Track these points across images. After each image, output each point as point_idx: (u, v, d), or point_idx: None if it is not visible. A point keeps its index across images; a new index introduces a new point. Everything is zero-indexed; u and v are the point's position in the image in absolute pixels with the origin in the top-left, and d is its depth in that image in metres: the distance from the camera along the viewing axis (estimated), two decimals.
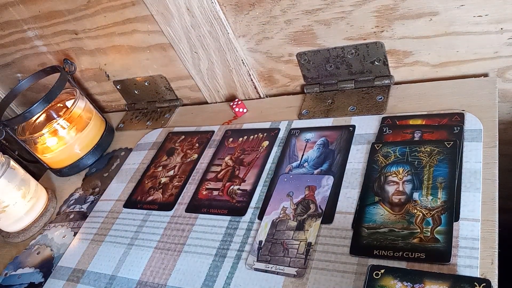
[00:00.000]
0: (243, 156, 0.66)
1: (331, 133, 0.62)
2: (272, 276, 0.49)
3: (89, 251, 0.65)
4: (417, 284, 0.41)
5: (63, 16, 0.81)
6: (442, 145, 0.52)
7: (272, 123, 0.69)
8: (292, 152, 0.63)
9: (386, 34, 0.61)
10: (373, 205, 0.51)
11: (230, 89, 0.78)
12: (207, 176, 0.66)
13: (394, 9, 0.57)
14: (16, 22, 0.86)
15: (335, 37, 0.64)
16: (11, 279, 0.68)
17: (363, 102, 0.65)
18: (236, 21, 0.67)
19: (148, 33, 0.76)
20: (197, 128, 0.77)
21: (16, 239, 0.75)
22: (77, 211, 0.75)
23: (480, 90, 0.58)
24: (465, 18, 0.55)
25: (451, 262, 0.43)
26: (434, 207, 0.47)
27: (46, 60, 0.92)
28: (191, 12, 0.67)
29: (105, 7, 0.75)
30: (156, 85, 0.86)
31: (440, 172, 0.50)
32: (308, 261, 0.49)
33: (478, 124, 0.53)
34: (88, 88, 0.95)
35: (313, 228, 0.52)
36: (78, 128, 0.82)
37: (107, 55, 0.85)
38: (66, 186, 0.82)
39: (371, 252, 0.46)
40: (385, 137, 0.57)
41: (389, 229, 0.47)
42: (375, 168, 0.54)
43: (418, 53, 0.62)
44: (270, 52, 0.71)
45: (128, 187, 0.72)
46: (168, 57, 0.79)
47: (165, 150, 0.76)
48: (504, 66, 0.59)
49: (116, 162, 0.81)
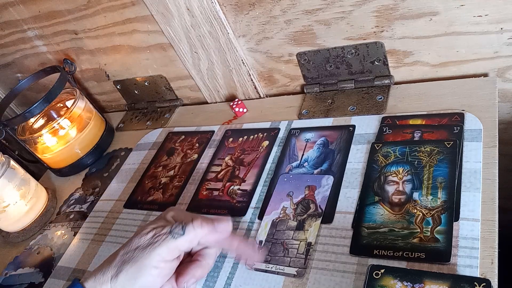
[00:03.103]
0: (243, 156, 0.66)
1: (331, 133, 0.62)
2: (272, 276, 0.49)
3: (89, 251, 0.65)
4: (417, 284, 0.41)
5: (63, 16, 0.81)
6: (442, 145, 0.52)
7: (272, 123, 0.69)
8: (292, 152, 0.63)
9: (386, 34, 0.61)
10: (373, 205, 0.51)
11: (230, 89, 0.78)
12: (207, 176, 0.66)
13: (394, 9, 0.57)
14: (16, 22, 0.86)
15: (335, 37, 0.64)
16: (11, 279, 0.68)
17: (363, 102, 0.65)
18: (236, 21, 0.68)
19: (148, 33, 0.76)
20: (197, 128, 0.77)
21: (16, 239, 0.75)
22: (77, 211, 0.75)
23: (480, 90, 0.58)
24: (465, 18, 0.55)
25: (451, 262, 0.43)
26: (434, 207, 0.47)
27: (46, 60, 0.92)
28: (191, 12, 0.67)
29: (105, 7, 0.75)
30: (156, 85, 0.86)
31: (440, 172, 0.50)
32: (308, 261, 0.49)
33: (478, 124, 0.53)
34: (88, 88, 0.95)
35: (313, 228, 0.52)
36: (78, 128, 0.82)
37: (107, 55, 0.85)
38: (66, 186, 0.82)
39: (371, 252, 0.46)
40: (385, 137, 0.57)
41: (389, 229, 0.47)
42: (375, 168, 0.54)
43: (418, 53, 0.62)
44: (270, 52, 0.71)
45: (128, 187, 0.72)
46: (168, 57, 0.79)
47: (165, 150, 0.76)
48: (504, 66, 0.59)
49: (116, 162, 0.81)
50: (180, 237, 0.45)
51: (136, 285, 0.44)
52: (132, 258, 0.45)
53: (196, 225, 0.46)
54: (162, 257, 0.45)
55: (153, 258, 0.44)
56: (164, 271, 0.46)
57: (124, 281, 0.44)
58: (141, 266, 0.44)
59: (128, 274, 0.44)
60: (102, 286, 0.45)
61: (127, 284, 0.44)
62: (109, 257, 0.47)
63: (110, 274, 0.45)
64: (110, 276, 0.45)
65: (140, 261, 0.44)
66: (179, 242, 0.45)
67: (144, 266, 0.44)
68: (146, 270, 0.44)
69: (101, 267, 0.46)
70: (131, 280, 0.44)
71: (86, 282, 0.45)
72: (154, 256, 0.44)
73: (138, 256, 0.45)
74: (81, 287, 0.45)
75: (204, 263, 0.49)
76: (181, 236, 0.45)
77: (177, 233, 0.45)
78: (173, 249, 0.45)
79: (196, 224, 0.46)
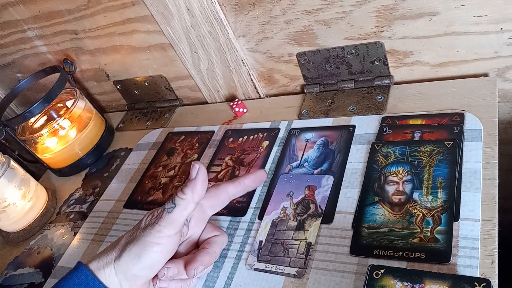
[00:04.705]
0: (243, 156, 0.66)
1: (331, 133, 0.62)
2: (272, 276, 0.49)
3: (89, 251, 0.65)
4: (417, 284, 0.41)
5: (63, 16, 0.81)
6: (442, 145, 0.52)
7: (272, 123, 0.69)
8: (292, 152, 0.63)
9: (386, 34, 0.61)
10: (373, 205, 0.51)
11: (230, 89, 0.78)
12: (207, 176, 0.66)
13: (394, 9, 0.57)
14: (16, 22, 0.86)
15: (335, 37, 0.64)
16: (11, 279, 0.68)
17: (363, 102, 0.65)
18: (236, 21, 0.68)
19: (148, 33, 0.76)
20: (197, 128, 0.77)
21: (16, 239, 0.75)
22: (77, 211, 0.75)
23: (480, 90, 0.58)
24: (465, 18, 0.55)
25: (451, 262, 0.43)
26: (434, 207, 0.47)
27: (46, 60, 0.92)
28: (191, 12, 0.67)
29: (105, 7, 0.75)
30: (156, 85, 0.86)
31: (440, 172, 0.50)
32: (308, 261, 0.49)
33: (478, 124, 0.53)
34: (88, 88, 0.95)
35: (313, 228, 0.52)
36: (78, 128, 0.82)
37: (107, 55, 0.85)
38: (66, 186, 0.82)
39: (371, 252, 0.46)
40: (385, 137, 0.57)
41: (389, 229, 0.47)
42: (375, 168, 0.54)
43: (418, 53, 0.62)
44: (270, 52, 0.71)
45: (128, 187, 0.72)
46: (168, 57, 0.79)
47: (165, 150, 0.76)
48: (504, 66, 0.59)
49: (116, 162, 0.81)
50: (173, 209, 0.46)
51: (139, 264, 0.45)
52: (134, 238, 0.46)
53: (180, 194, 0.47)
54: (163, 232, 0.46)
55: (154, 235, 0.46)
56: (166, 247, 0.46)
57: (128, 261, 0.45)
58: (144, 244, 0.45)
59: (131, 253, 0.45)
60: (106, 267, 0.45)
61: (130, 263, 0.45)
62: (114, 242, 0.49)
63: (114, 255, 0.46)
64: (114, 257, 0.46)
65: (142, 240, 0.46)
66: (174, 214, 0.46)
67: (146, 244, 0.45)
68: (149, 247, 0.45)
69: (106, 250, 0.48)
70: (134, 259, 0.45)
71: (90, 263, 0.46)
72: (154, 233, 0.46)
73: (139, 235, 0.46)
74: (86, 268, 0.46)
75: (211, 250, 0.50)
76: (174, 208, 0.46)
77: (170, 207, 0.46)
78: (171, 222, 0.46)
79: (180, 193, 0.47)
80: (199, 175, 0.48)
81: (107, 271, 0.45)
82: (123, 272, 0.45)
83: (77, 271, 0.46)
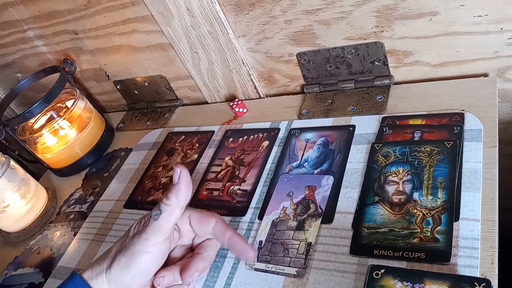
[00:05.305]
0: (243, 156, 0.66)
1: (331, 133, 0.62)
2: (272, 276, 0.49)
3: (89, 251, 0.65)
4: (417, 284, 0.41)
5: (63, 16, 0.81)
6: (442, 145, 0.52)
7: (272, 123, 0.69)
8: (292, 152, 0.63)
9: (386, 34, 0.61)
10: (373, 205, 0.51)
11: (230, 89, 0.78)
12: (207, 176, 0.66)
13: (394, 9, 0.57)
14: (16, 22, 0.86)
15: (335, 37, 0.64)
16: (11, 279, 0.68)
17: (363, 102, 0.65)
18: (236, 21, 0.68)
19: (148, 33, 0.76)
20: (197, 128, 0.77)
21: (16, 239, 0.75)
22: (77, 211, 0.75)
23: (480, 90, 0.58)
24: (465, 18, 0.55)
25: (451, 262, 0.43)
26: (434, 207, 0.47)
27: (46, 60, 0.92)
28: (191, 12, 0.67)
29: (105, 7, 0.75)
30: (156, 85, 0.86)
31: (440, 172, 0.50)
32: (308, 261, 0.49)
33: (478, 124, 0.53)
34: (88, 88, 0.95)
35: (313, 228, 0.52)
36: (78, 128, 0.82)
37: (107, 55, 0.85)
38: (66, 186, 0.82)
39: (371, 252, 0.46)
40: (385, 137, 0.57)
41: (389, 229, 0.47)
42: (375, 168, 0.54)
43: (418, 53, 0.62)
44: (270, 52, 0.71)
45: (128, 187, 0.72)
46: (168, 57, 0.79)
47: (165, 150, 0.76)
48: (504, 66, 0.59)
49: (116, 162, 0.81)
50: (159, 216, 0.46)
51: (129, 273, 0.45)
52: (123, 248, 0.46)
53: (165, 200, 0.46)
54: (151, 240, 0.45)
55: (141, 243, 0.45)
56: (155, 255, 0.46)
57: (118, 270, 0.45)
58: (132, 254, 0.45)
59: (121, 263, 0.45)
60: (98, 277, 0.46)
61: (120, 273, 0.45)
62: (106, 250, 0.49)
63: (105, 265, 0.46)
64: (105, 266, 0.46)
65: (130, 249, 0.45)
66: (160, 221, 0.46)
67: (135, 253, 0.45)
68: (137, 256, 0.45)
69: (99, 259, 0.48)
70: (124, 268, 0.45)
71: (84, 273, 0.47)
72: (142, 242, 0.45)
73: (128, 244, 0.46)
74: (79, 278, 0.46)
75: (205, 255, 0.50)
76: (160, 214, 0.46)
77: (156, 214, 0.46)
78: (158, 230, 0.46)
79: (164, 199, 0.46)
80: (181, 178, 0.46)
81: (100, 281, 0.46)
82: (114, 281, 0.45)
83: (71, 280, 0.46)
